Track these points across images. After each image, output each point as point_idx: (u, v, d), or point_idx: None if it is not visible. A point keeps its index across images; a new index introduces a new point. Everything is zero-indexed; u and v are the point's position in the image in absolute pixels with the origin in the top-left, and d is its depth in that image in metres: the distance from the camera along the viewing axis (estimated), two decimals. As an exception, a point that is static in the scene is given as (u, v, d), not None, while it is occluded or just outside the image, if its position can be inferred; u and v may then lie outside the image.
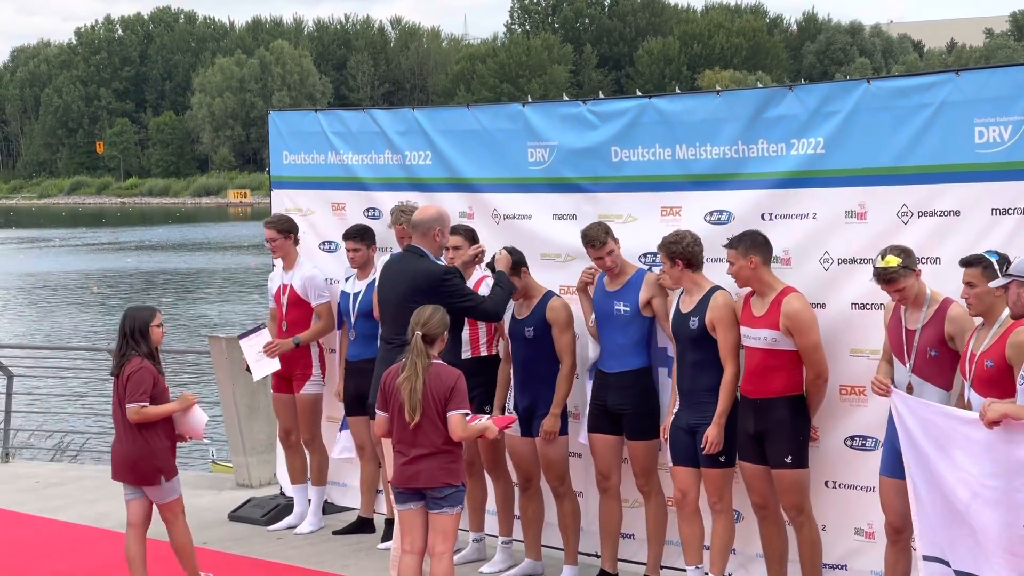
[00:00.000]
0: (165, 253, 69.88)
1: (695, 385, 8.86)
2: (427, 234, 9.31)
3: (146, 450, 9.24)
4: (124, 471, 9.34)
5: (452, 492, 8.28)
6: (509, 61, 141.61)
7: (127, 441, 9.28)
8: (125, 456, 9.30)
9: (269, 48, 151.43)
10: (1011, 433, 7.02)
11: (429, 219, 9.36)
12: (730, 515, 8.93)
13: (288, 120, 12.32)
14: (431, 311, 8.37)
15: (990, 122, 8.01)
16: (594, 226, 9.34)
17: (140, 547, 9.37)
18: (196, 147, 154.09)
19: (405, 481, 8.32)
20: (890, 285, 7.84)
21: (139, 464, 9.27)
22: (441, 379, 8.23)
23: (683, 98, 9.78)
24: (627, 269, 9.39)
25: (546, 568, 10.00)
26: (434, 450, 8.22)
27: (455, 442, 8.27)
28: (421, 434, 8.22)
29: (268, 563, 10.66)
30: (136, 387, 9.18)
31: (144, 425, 9.21)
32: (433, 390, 8.20)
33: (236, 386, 13.11)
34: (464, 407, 8.24)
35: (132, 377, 9.20)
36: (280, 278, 11.46)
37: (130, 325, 9.33)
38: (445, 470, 8.26)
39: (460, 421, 8.22)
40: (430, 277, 9.14)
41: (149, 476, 9.28)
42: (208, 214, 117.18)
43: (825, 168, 8.74)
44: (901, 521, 8.04)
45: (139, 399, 9.18)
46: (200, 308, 43.25)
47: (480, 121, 10.64)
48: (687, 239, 8.86)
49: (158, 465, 9.27)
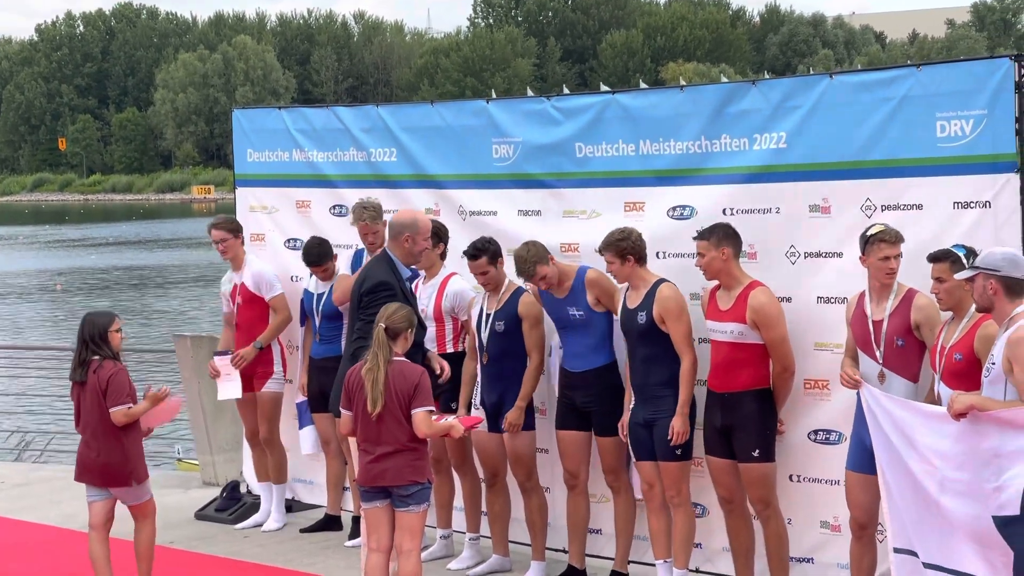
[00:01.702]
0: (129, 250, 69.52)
1: (648, 379, 8.89)
2: (397, 239, 9.23)
3: (120, 453, 9.20)
4: (95, 473, 9.27)
5: (418, 489, 8.27)
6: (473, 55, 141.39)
7: (99, 444, 9.21)
8: (96, 459, 9.23)
9: (232, 43, 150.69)
10: (978, 425, 7.05)
11: (399, 224, 9.26)
12: (689, 507, 8.95)
13: (252, 118, 12.28)
14: (396, 307, 8.37)
15: (951, 116, 8.07)
16: (520, 252, 9.28)
17: (104, 548, 9.33)
18: (159, 143, 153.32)
19: (371, 479, 8.31)
20: (894, 246, 7.86)
21: (112, 467, 9.21)
22: (405, 376, 8.22)
23: (646, 94, 9.81)
24: (569, 273, 9.39)
25: (513, 564, 10.01)
26: (399, 448, 8.21)
27: (420, 439, 8.26)
28: (386, 432, 8.21)
29: (235, 562, 10.64)
30: (120, 390, 9.11)
31: (122, 427, 9.15)
32: (397, 387, 8.18)
33: (202, 384, 13.06)
34: (428, 404, 8.23)
35: (113, 380, 9.12)
36: (231, 280, 11.43)
37: (89, 331, 9.25)
38: (411, 467, 8.24)
39: (425, 418, 8.21)
40: (365, 286, 9.07)
41: (122, 478, 9.24)
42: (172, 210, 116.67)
43: (788, 163, 8.77)
44: (865, 517, 8.09)
45: (124, 401, 9.12)
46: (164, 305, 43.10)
47: (444, 118, 10.63)
48: (633, 234, 8.90)
49: (131, 468, 9.24)
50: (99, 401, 9.16)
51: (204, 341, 13.24)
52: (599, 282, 9.30)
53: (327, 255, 10.91)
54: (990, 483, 7.01)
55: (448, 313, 9.99)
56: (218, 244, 11.36)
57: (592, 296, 9.29)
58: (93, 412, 9.21)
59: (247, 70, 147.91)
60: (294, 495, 11.91)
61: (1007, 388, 7.01)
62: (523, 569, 9.84)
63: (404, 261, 9.22)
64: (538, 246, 9.31)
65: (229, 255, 11.35)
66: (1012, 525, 6.92)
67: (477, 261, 9.53)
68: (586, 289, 9.30)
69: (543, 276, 9.27)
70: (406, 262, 9.24)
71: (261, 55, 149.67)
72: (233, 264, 11.40)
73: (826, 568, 8.83)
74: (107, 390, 9.12)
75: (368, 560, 8.46)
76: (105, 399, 9.13)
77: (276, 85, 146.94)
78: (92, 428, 9.24)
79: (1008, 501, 6.93)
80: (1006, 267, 7.10)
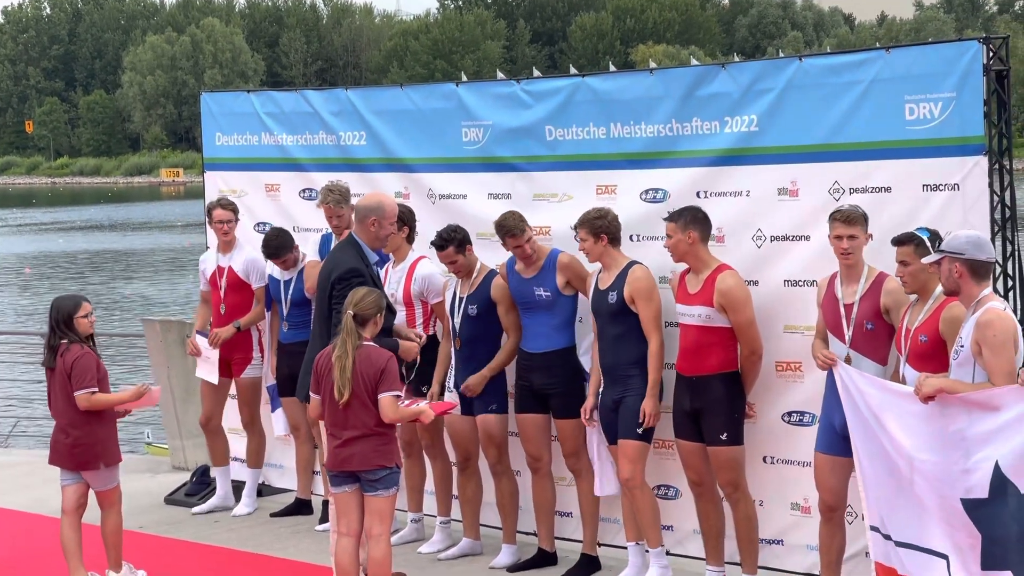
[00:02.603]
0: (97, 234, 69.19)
1: (617, 360, 8.90)
2: (363, 223, 9.16)
3: (89, 436, 9.21)
4: (64, 456, 9.28)
5: (386, 474, 8.25)
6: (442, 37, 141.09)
7: (68, 427, 9.22)
8: (66, 442, 9.24)
9: (200, 26, 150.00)
10: (946, 407, 7.09)
11: (367, 207, 9.21)
12: (646, 487, 8.94)
13: (220, 101, 12.24)
14: (365, 292, 8.34)
15: (920, 99, 8.10)
16: (507, 216, 9.33)
17: (75, 533, 9.31)
18: (127, 126, 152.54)
19: (338, 464, 8.29)
20: (848, 226, 7.86)
21: (80, 449, 9.21)
22: (371, 360, 8.18)
23: (616, 77, 9.81)
24: (540, 252, 9.41)
25: (485, 547, 10.02)
26: (366, 432, 8.19)
27: (388, 424, 8.24)
28: (353, 416, 8.19)
29: (205, 546, 10.62)
30: (83, 374, 9.12)
31: (90, 411, 9.14)
32: (363, 372, 8.16)
33: (171, 369, 13.04)
34: (395, 389, 8.20)
35: (77, 363, 9.13)
36: (216, 260, 11.37)
37: (55, 316, 9.26)
38: (378, 452, 8.22)
39: (391, 403, 8.18)
40: (335, 274, 8.97)
41: (89, 461, 9.24)
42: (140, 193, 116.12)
43: (759, 146, 8.79)
44: (835, 499, 8.12)
45: (88, 385, 9.13)
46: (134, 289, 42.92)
47: (414, 101, 10.61)
48: (610, 215, 8.91)
49: (99, 451, 9.24)
50: (66, 385, 9.16)
51: (173, 325, 13.21)
52: (571, 265, 9.30)
53: (285, 247, 10.82)
54: (958, 465, 7.05)
55: (417, 297, 9.97)
56: (222, 224, 11.26)
57: (562, 278, 9.30)
58: (60, 396, 9.22)
59: (215, 53, 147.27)
60: (264, 479, 11.89)
61: (975, 370, 7.04)
62: (494, 552, 9.85)
63: (371, 245, 9.18)
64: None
65: (230, 237, 11.29)
66: (980, 508, 6.95)
67: (444, 251, 9.52)
68: (556, 271, 9.31)
69: (530, 238, 9.26)
70: (373, 246, 9.20)
71: (230, 37, 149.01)
72: (223, 246, 11.34)
73: (795, 550, 8.87)
74: (71, 374, 9.12)
75: (338, 544, 8.45)
76: (70, 383, 9.13)
77: (245, 68, 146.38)
78: (61, 412, 9.25)
79: (976, 484, 6.96)
80: (971, 250, 7.13)
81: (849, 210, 7.92)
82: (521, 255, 9.35)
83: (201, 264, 11.58)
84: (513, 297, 9.52)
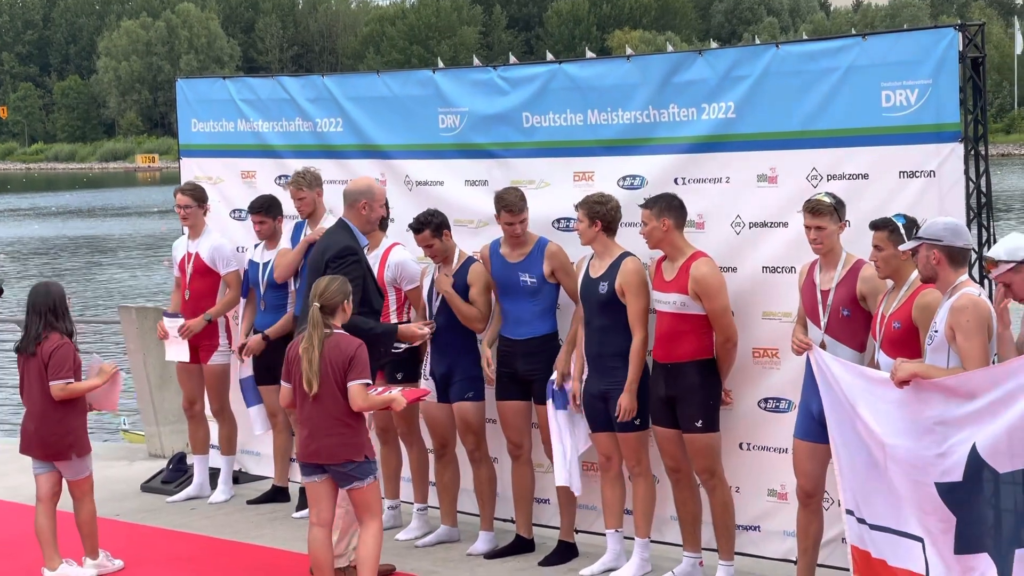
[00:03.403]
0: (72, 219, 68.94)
1: (603, 350, 8.90)
2: (353, 206, 9.18)
3: (60, 426, 9.16)
4: (35, 446, 9.24)
5: (355, 467, 8.20)
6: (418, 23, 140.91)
7: (40, 417, 9.18)
8: (37, 431, 9.19)
9: (175, 11, 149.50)
10: (920, 393, 7.11)
11: (356, 191, 9.22)
12: (649, 477, 8.99)
13: (196, 87, 12.20)
14: (328, 281, 8.28)
15: (896, 86, 8.11)
16: (511, 191, 9.35)
17: (50, 521, 9.28)
18: (102, 111, 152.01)
19: (307, 456, 8.27)
20: (815, 216, 7.88)
21: (51, 440, 9.17)
22: (340, 349, 8.13)
23: (593, 63, 9.81)
24: (528, 239, 9.40)
25: (462, 534, 10.02)
26: (335, 424, 8.13)
27: (356, 415, 8.18)
28: (321, 408, 8.14)
29: (182, 534, 10.59)
30: (61, 363, 9.06)
31: (62, 401, 9.11)
32: (332, 361, 8.10)
33: (147, 356, 13.00)
34: (364, 377, 8.15)
35: (55, 353, 9.06)
36: (185, 246, 11.35)
37: (49, 303, 9.14)
38: (346, 446, 8.17)
39: (360, 391, 8.13)
40: (330, 251, 9.00)
41: (61, 452, 9.20)
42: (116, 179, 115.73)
43: (736, 132, 8.79)
44: (812, 485, 8.14)
45: (65, 375, 9.07)
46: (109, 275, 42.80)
47: (391, 87, 10.58)
48: (612, 203, 8.90)
49: (70, 441, 9.20)
50: (42, 374, 9.11)
51: (149, 312, 13.18)
52: (558, 256, 9.31)
53: (269, 208, 10.79)
54: (931, 450, 7.07)
55: (391, 283, 9.96)
56: (181, 209, 11.25)
57: (548, 267, 9.30)
58: (35, 385, 9.17)
59: (191, 38, 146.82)
60: (241, 467, 11.87)
61: (950, 356, 7.07)
62: (471, 539, 9.85)
63: (362, 229, 9.19)
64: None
65: (189, 222, 11.26)
66: (955, 492, 6.98)
67: (421, 234, 9.51)
68: (544, 259, 9.30)
69: (524, 219, 9.27)
70: (364, 230, 9.21)
71: (205, 23, 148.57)
72: (191, 232, 11.31)
73: (772, 536, 8.90)
74: (49, 363, 9.06)
75: (309, 534, 8.42)
76: (46, 372, 9.08)
77: (220, 53, 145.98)
78: (34, 400, 9.20)
79: (952, 468, 6.99)
80: (948, 236, 7.16)
81: (815, 201, 7.93)
82: (511, 233, 9.33)
83: (173, 250, 11.57)
84: (495, 281, 9.50)
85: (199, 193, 11.31)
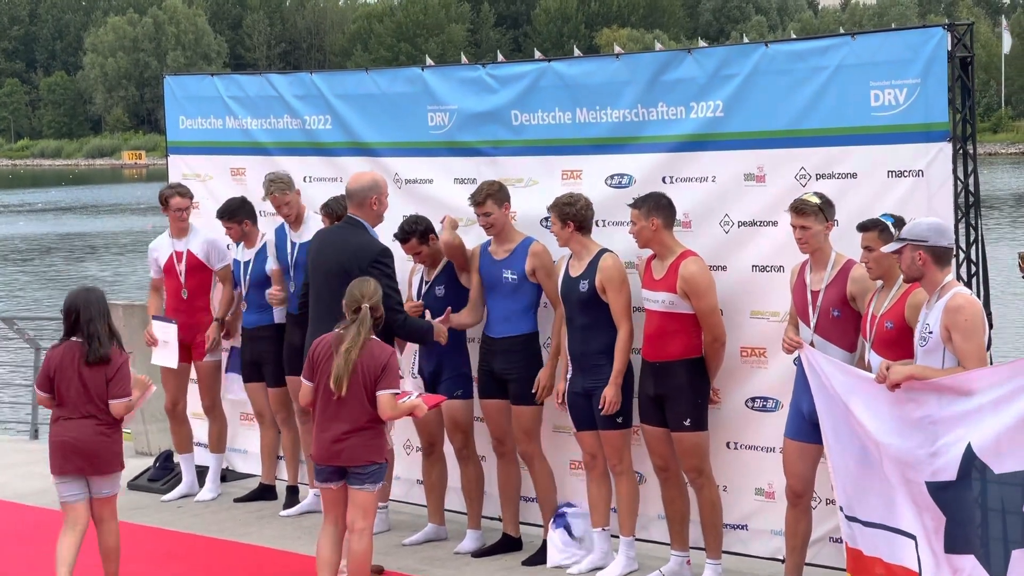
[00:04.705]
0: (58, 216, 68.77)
1: (587, 348, 8.90)
2: (363, 204, 9.11)
3: (112, 440, 8.55)
4: (81, 460, 8.50)
5: (375, 469, 8.16)
6: (406, 20, 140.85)
7: (93, 430, 8.48)
8: (88, 445, 8.47)
9: (162, 7, 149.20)
10: (912, 393, 7.11)
11: (363, 188, 9.14)
12: (632, 476, 9.00)
13: (184, 85, 12.17)
14: (370, 283, 8.21)
15: (885, 85, 8.13)
16: (483, 184, 9.36)
17: (76, 551, 8.52)
18: (89, 108, 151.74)
19: (327, 458, 8.17)
20: (799, 216, 7.89)
21: (107, 456, 8.54)
22: (374, 356, 8.06)
23: (582, 61, 9.82)
24: (514, 237, 9.39)
25: (449, 532, 10.01)
26: (358, 427, 8.07)
27: (379, 419, 8.14)
28: (346, 410, 8.07)
29: (169, 532, 10.58)
30: (126, 381, 8.51)
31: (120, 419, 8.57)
32: (364, 365, 8.04)
33: (135, 354, 12.90)
34: (395, 386, 8.10)
35: (122, 369, 8.51)
36: (171, 246, 11.25)
37: (104, 310, 8.55)
38: (368, 447, 8.12)
39: (390, 401, 8.07)
40: (369, 252, 8.90)
41: (110, 464, 8.57)
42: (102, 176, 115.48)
43: (724, 131, 8.80)
44: (801, 485, 8.15)
45: (128, 393, 8.51)
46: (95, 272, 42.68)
47: (379, 85, 10.57)
48: (582, 202, 8.89)
49: (117, 450, 8.61)
50: (101, 386, 8.44)
51: (136, 310, 13.15)
52: (541, 256, 9.30)
53: (233, 214, 10.80)
54: (923, 449, 7.07)
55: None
56: (180, 212, 11.16)
57: (531, 265, 9.29)
58: (92, 395, 8.46)
59: (178, 34, 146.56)
60: (228, 464, 11.86)
61: (945, 356, 7.07)
62: (459, 538, 9.84)
63: (373, 224, 9.15)
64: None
65: (186, 223, 11.22)
66: (947, 491, 6.99)
67: (408, 243, 9.49)
68: (527, 257, 9.30)
69: (487, 212, 9.24)
70: (375, 224, 9.17)
71: (192, 19, 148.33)
72: (178, 232, 11.25)
73: (759, 535, 8.90)
74: (114, 378, 8.48)
75: (321, 533, 8.34)
76: (107, 386, 8.46)
77: (208, 50, 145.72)
78: (86, 412, 8.47)
79: (944, 467, 6.99)
80: (933, 236, 7.16)
81: (800, 201, 7.94)
82: (482, 225, 9.33)
83: (152, 252, 11.38)
84: (482, 277, 9.49)
85: (190, 192, 11.32)
